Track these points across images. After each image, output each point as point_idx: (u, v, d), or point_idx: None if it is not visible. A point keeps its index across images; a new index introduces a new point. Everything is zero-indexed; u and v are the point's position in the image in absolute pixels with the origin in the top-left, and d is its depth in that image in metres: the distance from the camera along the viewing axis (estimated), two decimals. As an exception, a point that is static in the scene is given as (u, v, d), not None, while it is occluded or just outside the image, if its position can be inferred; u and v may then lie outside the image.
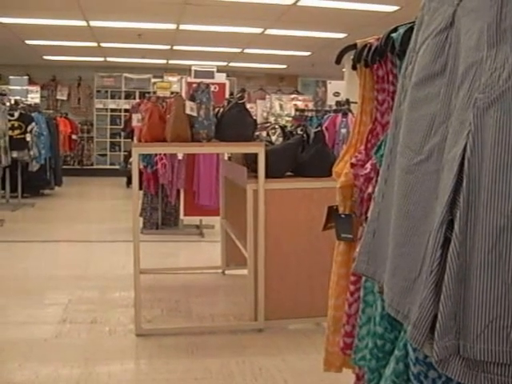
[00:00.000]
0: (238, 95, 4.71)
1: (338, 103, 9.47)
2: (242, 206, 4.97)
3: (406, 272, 1.58)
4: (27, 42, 14.31)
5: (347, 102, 9.25)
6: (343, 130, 8.69)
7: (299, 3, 10.34)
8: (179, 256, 7.40)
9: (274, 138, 6.10)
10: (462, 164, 1.37)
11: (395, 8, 10.47)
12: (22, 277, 6.10)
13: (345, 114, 8.80)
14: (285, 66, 18.00)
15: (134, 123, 5.51)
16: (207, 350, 4.31)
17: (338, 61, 2.86)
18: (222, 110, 4.81)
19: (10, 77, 13.06)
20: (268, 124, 7.34)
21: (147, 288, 5.57)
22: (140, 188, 8.39)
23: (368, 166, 2.36)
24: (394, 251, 1.66)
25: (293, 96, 14.63)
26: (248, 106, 5.09)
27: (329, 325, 2.62)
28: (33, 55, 16.04)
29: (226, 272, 6.30)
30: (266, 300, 4.62)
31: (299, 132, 4.92)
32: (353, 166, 2.46)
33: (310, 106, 13.63)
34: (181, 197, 8.18)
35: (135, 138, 5.63)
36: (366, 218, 2.27)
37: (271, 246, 4.60)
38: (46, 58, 16.62)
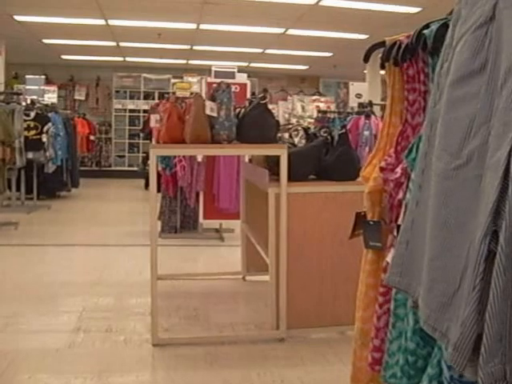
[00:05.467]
0: (260, 95, 4.52)
1: (360, 105, 9.35)
2: (263, 210, 4.80)
3: (443, 286, 1.47)
4: (45, 40, 14.32)
5: (370, 103, 9.10)
6: (366, 133, 8.54)
7: (321, 3, 10.28)
8: (198, 261, 7.20)
9: (296, 139, 5.89)
10: (507, 169, 1.26)
11: (418, 9, 10.50)
12: (36, 283, 5.91)
13: (368, 116, 8.68)
14: (306, 67, 17.90)
15: (152, 124, 5.31)
16: (227, 360, 4.12)
17: (367, 59, 2.75)
18: (243, 110, 4.63)
19: (27, 76, 12.91)
20: (290, 125, 7.11)
21: (165, 295, 5.38)
22: (158, 190, 8.27)
23: (398, 170, 2.26)
24: (430, 263, 1.56)
25: (315, 97, 14.54)
26: (270, 106, 4.88)
27: (356, 338, 2.50)
28: (50, 54, 16.06)
29: (247, 278, 6.12)
30: (288, 308, 4.45)
31: (323, 134, 4.73)
32: (382, 170, 2.35)
33: (332, 107, 13.57)
34: (200, 200, 8.02)
35: (153, 140, 5.42)
36: (397, 225, 2.19)
37: (294, 251, 4.43)
38: (63, 57, 16.67)
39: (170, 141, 4.49)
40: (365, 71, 16.01)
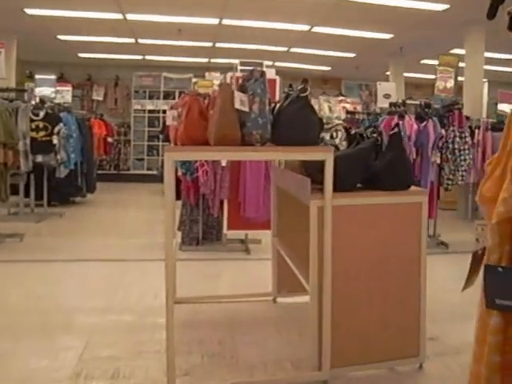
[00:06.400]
0: (300, 87, 3.66)
1: (393, 104, 8.63)
2: (299, 223, 4.32)
3: None
4: (60, 37, 13.91)
5: (403, 103, 8.44)
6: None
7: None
8: (222, 278, 6.34)
9: (336, 141, 5.07)
10: None
11: (445, 7, 10.16)
12: (36, 310, 5.06)
13: (401, 117, 7.96)
14: (329, 68, 17.86)
15: (169, 122, 4.41)
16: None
17: (491, 15, 1.86)
18: (278, 105, 3.80)
19: (36, 76, 12.21)
20: (330, 125, 6.25)
21: (184, 324, 4.59)
22: (178, 198, 7.62)
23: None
24: None
25: (340, 98, 14.34)
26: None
27: None
28: (67, 52, 15.73)
29: (278, 300, 5.34)
30: (332, 343, 3.73)
31: (370, 135, 3.95)
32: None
33: (359, 108, 13.29)
34: (224, 208, 7.31)
35: (172, 141, 4.51)
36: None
37: (339, 274, 3.73)
38: (81, 55, 16.38)
39: (189, 142, 3.65)
40: (387, 72, 15.48)
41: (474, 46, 11.32)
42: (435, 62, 13.86)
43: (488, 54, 11.64)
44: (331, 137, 4.37)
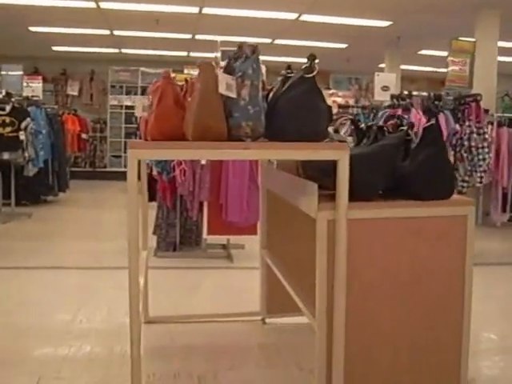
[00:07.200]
0: (305, 65, 2.94)
1: (395, 97, 7.95)
2: (294, 234, 3.86)
3: None
4: (31, 28, 13.30)
5: (410, 94, 7.76)
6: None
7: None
8: (202, 291, 5.63)
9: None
10: None
11: None
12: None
13: (406, 110, 7.23)
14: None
15: (139, 113, 3.69)
16: None
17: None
18: (274, 90, 3.03)
19: (2, 65, 11.56)
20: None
21: (157, 351, 3.93)
22: (153, 199, 7.07)
23: None
24: None
25: (331, 91, 13.52)
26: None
27: None
28: (40, 46, 15.17)
29: (267, 320, 4.63)
30: None
31: (388, 128, 3.23)
32: None
33: (351, 102, 12.59)
34: (204, 211, 6.61)
35: (142, 136, 3.72)
36: None
37: (353, 305, 2.90)
38: (55, 49, 15.81)
39: (160, 136, 2.86)
40: (381, 65, 14.86)
41: (486, 33, 10.35)
42: (433, 53, 13.06)
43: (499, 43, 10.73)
44: (335, 130, 3.52)
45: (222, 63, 3.15)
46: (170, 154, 3.20)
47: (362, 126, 3.33)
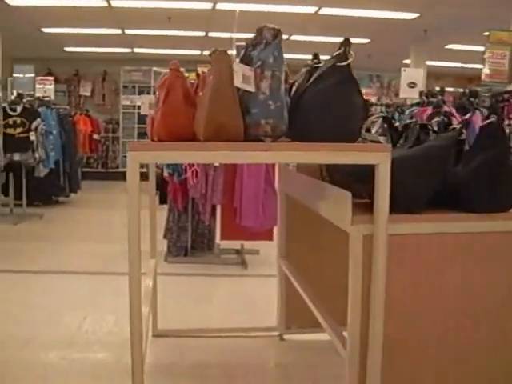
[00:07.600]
0: (337, 52, 2.57)
1: (424, 94, 7.59)
2: (317, 243, 3.58)
3: None
4: (44, 29, 13.37)
5: (442, 91, 7.36)
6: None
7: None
8: (214, 300, 5.34)
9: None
10: None
11: None
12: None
13: (438, 107, 6.85)
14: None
15: (145, 110, 3.38)
16: None
17: None
18: (299, 81, 2.66)
19: (14, 66, 11.50)
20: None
21: (165, 369, 3.63)
22: (164, 202, 6.98)
23: None
24: None
25: None
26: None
27: None
28: (53, 47, 15.24)
29: (285, 337, 4.29)
30: None
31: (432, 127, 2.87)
32: None
33: (373, 100, 12.26)
34: (217, 215, 6.36)
35: (148, 135, 3.37)
36: None
37: (393, 335, 2.52)
38: (67, 49, 15.90)
39: (167, 136, 2.51)
40: (406, 61, 14.44)
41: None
42: (462, 47, 12.52)
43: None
44: (367, 129, 3.10)
45: (237, 60, 2.80)
46: (176, 156, 2.73)
47: (397, 124, 2.99)
